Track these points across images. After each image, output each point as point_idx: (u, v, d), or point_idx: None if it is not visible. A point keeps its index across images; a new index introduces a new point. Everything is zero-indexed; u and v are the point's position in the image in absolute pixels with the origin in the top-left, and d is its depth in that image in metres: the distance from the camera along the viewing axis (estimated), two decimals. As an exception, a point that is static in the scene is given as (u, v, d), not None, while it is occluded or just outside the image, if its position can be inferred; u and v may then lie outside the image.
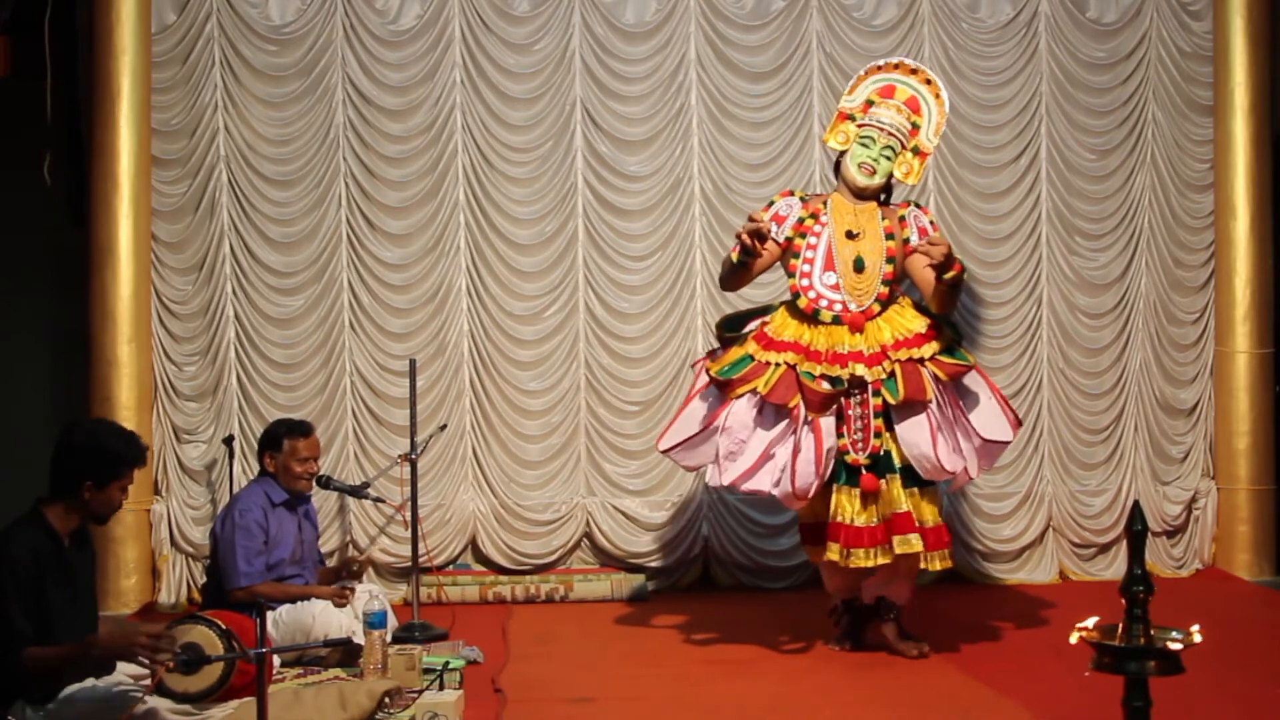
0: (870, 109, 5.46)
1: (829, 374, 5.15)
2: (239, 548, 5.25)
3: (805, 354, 5.19)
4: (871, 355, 5.18)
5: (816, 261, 5.32)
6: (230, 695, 4.10)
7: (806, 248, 5.34)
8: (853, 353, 5.19)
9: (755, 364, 5.20)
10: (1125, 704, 2.92)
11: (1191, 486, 7.01)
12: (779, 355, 5.20)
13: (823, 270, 5.31)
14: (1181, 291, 7.02)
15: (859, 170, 5.37)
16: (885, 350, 5.19)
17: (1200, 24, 6.97)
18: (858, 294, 5.28)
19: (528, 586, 6.52)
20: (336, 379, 6.70)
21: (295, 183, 6.70)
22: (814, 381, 5.10)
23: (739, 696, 4.82)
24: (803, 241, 5.35)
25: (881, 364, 5.17)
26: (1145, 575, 2.93)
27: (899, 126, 5.41)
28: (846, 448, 5.15)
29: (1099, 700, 3.65)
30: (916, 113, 5.47)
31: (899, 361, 5.15)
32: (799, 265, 5.33)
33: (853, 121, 5.46)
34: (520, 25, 6.77)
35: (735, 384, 5.17)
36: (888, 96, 5.47)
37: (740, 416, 5.14)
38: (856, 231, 5.32)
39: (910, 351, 5.17)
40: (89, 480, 3.90)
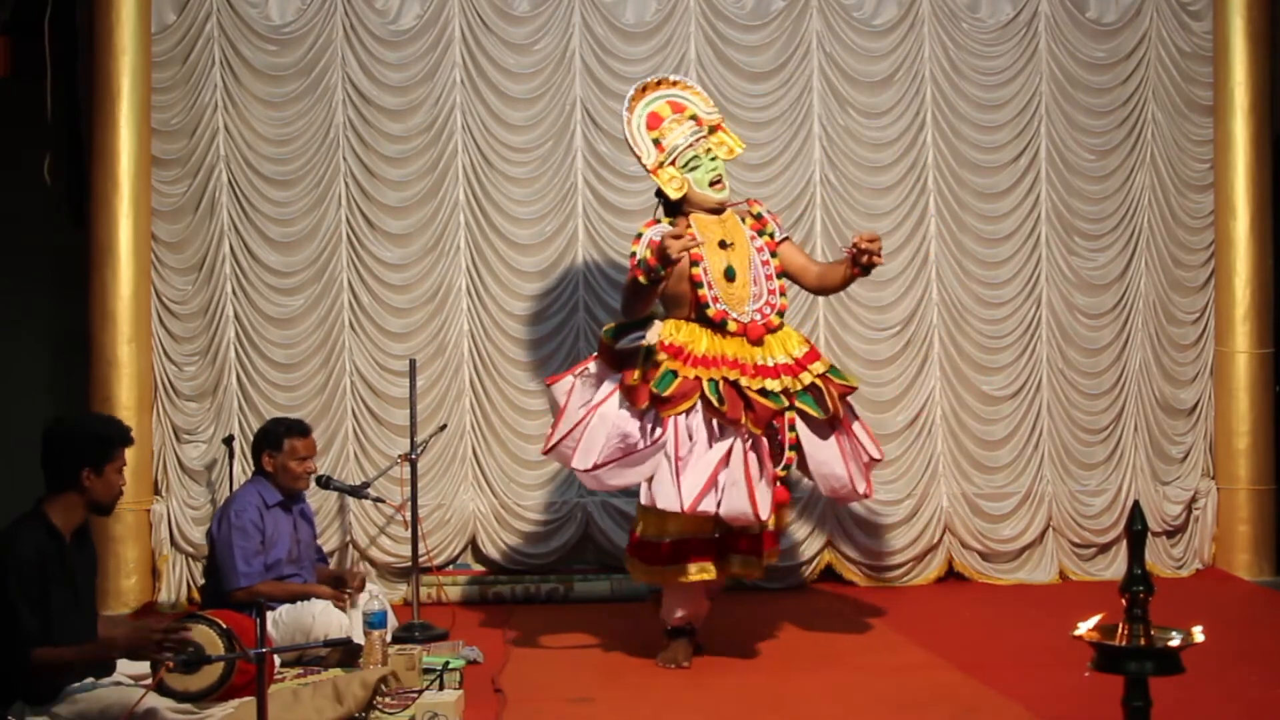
0: (661, 145, 5.34)
1: (765, 388, 5.05)
2: (236, 548, 5.24)
3: (736, 367, 5.06)
4: (788, 366, 5.13)
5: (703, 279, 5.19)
6: (230, 695, 4.10)
7: (705, 270, 5.17)
8: (780, 364, 5.12)
9: (683, 380, 5.01)
10: (1125, 704, 2.93)
11: (1191, 486, 7.00)
12: (710, 370, 5.05)
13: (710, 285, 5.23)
14: (1181, 291, 7.02)
15: (713, 188, 5.31)
16: (800, 362, 5.15)
17: (1200, 24, 6.97)
18: (736, 303, 5.19)
19: (528, 586, 6.52)
20: (336, 379, 6.70)
21: (295, 183, 6.70)
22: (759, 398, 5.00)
23: (739, 696, 4.82)
24: (697, 268, 5.16)
25: (799, 376, 5.12)
26: (1145, 575, 2.93)
27: (689, 130, 5.35)
28: None
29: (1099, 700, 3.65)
30: (684, 110, 5.40)
31: (817, 375, 5.12)
32: (707, 292, 5.15)
33: (667, 165, 5.32)
34: (520, 25, 6.77)
35: (674, 401, 4.97)
36: (658, 123, 5.36)
37: (681, 435, 4.97)
38: (729, 241, 5.27)
39: (815, 366, 5.16)
40: (87, 467, 3.93)
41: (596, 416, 5.11)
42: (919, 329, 6.86)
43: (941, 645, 5.44)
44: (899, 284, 6.82)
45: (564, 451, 5.17)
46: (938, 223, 6.85)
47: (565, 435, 5.16)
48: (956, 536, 6.82)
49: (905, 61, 6.86)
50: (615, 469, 5.03)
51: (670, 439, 4.98)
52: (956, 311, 6.86)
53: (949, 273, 6.87)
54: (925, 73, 6.86)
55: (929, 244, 6.85)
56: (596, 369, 5.32)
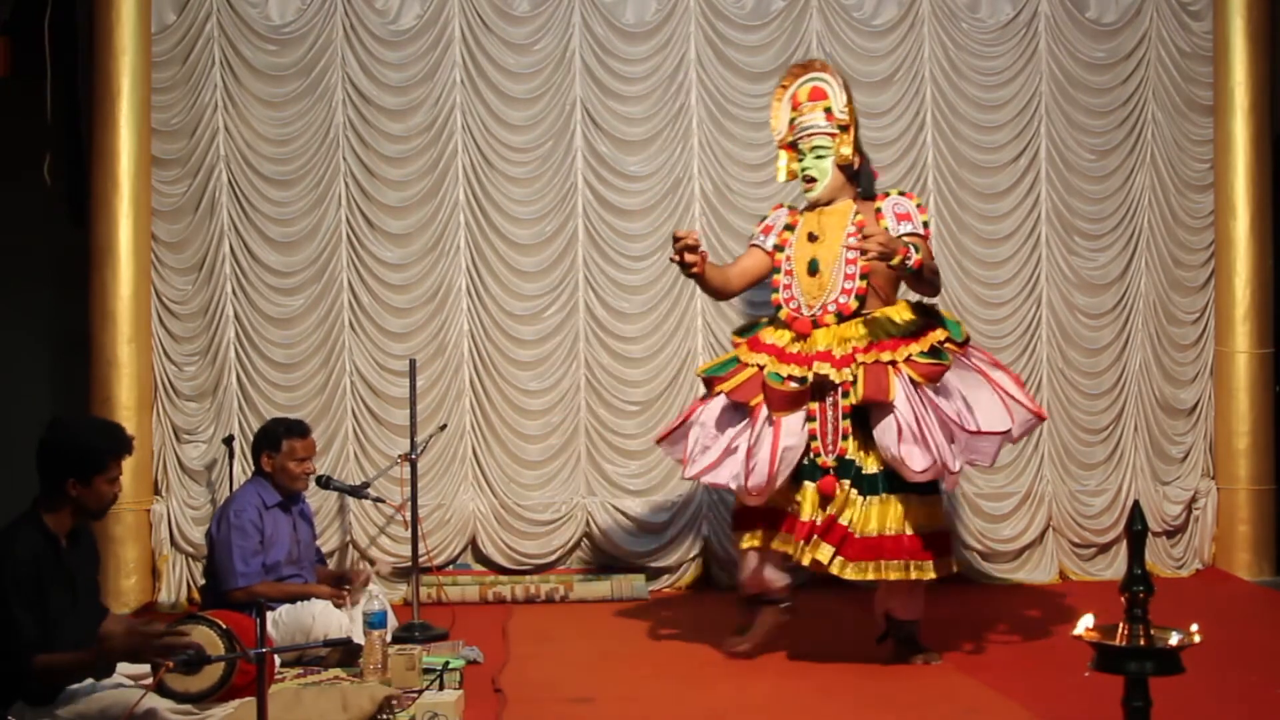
0: (794, 126, 5.43)
1: (795, 374, 5.20)
2: (235, 548, 5.25)
3: (779, 356, 5.27)
4: (841, 357, 5.19)
5: (793, 272, 5.41)
6: (231, 695, 4.09)
7: (785, 259, 5.43)
8: (821, 353, 5.20)
9: (738, 365, 5.35)
10: (1125, 704, 2.93)
11: (1191, 486, 7.01)
12: (757, 357, 5.32)
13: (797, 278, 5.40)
14: (1181, 291, 7.02)
15: (803, 185, 5.44)
16: (855, 352, 5.20)
17: (1200, 24, 6.97)
18: (810, 297, 5.32)
19: (528, 586, 6.52)
20: (336, 379, 6.70)
21: (295, 183, 6.70)
22: (781, 383, 5.16)
23: (739, 696, 4.82)
24: (781, 255, 5.45)
25: (849, 366, 5.17)
26: (1145, 575, 2.93)
27: (816, 123, 5.37)
28: (817, 449, 5.18)
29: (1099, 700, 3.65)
30: (824, 97, 5.40)
31: (865, 364, 5.15)
32: (780, 279, 5.43)
33: (790, 149, 5.46)
34: (520, 25, 6.77)
35: (717, 382, 5.35)
36: (798, 105, 5.44)
37: (713, 413, 5.31)
38: (818, 234, 5.35)
39: (878, 354, 5.15)
40: (71, 478, 3.89)
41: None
42: (919, 329, 6.86)
43: (942, 645, 5.44)
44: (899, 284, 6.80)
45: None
46: (938, 223, 6.85)
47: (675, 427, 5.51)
48: (957, 537, 6.81)
49: (905, 61, 6.86)
50: (668, 443, 5.51)
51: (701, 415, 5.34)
52: (956, 311, 6.84)
53: (949, 273, 6.86)
54: (925, 73, 6.86)
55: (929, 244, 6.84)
56: None
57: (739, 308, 6.67)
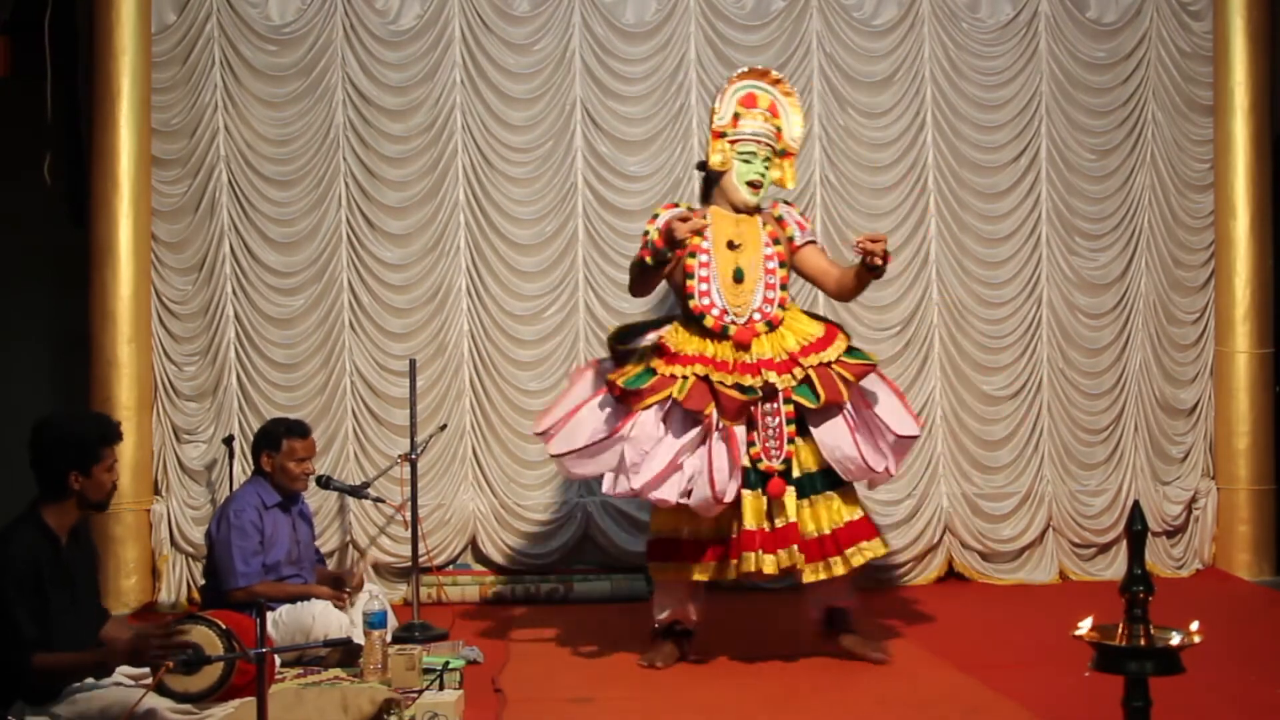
0: (738, 122, 5.39)
1: (740, 383, 5.10)
2: (235, 548, 5.25)
3: (713, 365, 5.15)
4: (781, 362, 5.17)
5: (711, 279, 5.28)
6: (231, 695, 4.09)
7: (699, 265, 5.28)
8: (762, 360, 5.16)
9: (659, 377, 5.13)
10: (1125, 704, 2.93)
11: (1191, 486, 7.01)
12: (686, 368, 5.15)
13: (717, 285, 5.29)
14: (1181, 291, 7.02)
15: (747, 188, 5.34)
16: (794, 357, 5.17)
17: (1200, 24, 6.97)
18: (735, 305, 5.25)
19: (528, 586, 6.52)
20: (336, 379, 6.70)
21: (295, 183, 6.70)
22: (729, 390, 5.07)
23: (738, 696, 4.82)
24: (693, 260, 5.29)
25: (792, 371, 5.15)
26: (1145, 575, 2.93)
27: (767, 134, 5.37)
28: (759, 455, 5.11)
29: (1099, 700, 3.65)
30: (776, 116, 5.42)
31: (811, 367, 5.14)
32: (695, 285, 5.27)
33: (725, 138, 5.38)
34: (520, 25, 6.77)
35: (642, 395, 5.10)
36: (751, 106, 5.41)
37: (646, 428, 5.06)
38: (738, 242, 5.29)
39: (819, 356, 5.17)
40: (73, 470, 3.92)
41: (586, 409, 5.26)
42: (919, 329, 6.86)
43: (941, 645, 5.44)
44: (899, 284, 6.81)
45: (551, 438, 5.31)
46: (938, 223, 6.85)
47: (555, 423, 5.29)
48: (956, 536, 6.82)
49: (905, 61, 6.86)
50: (577, 459, 5.17)
51: (631, 430, 5.07)
52: (957, 311, 6.86)
53: (949, 273, 6.87)
54: (925, 73, 6.86)
55: (929, 244, 6.85)
56: (605, 367, 5.45)
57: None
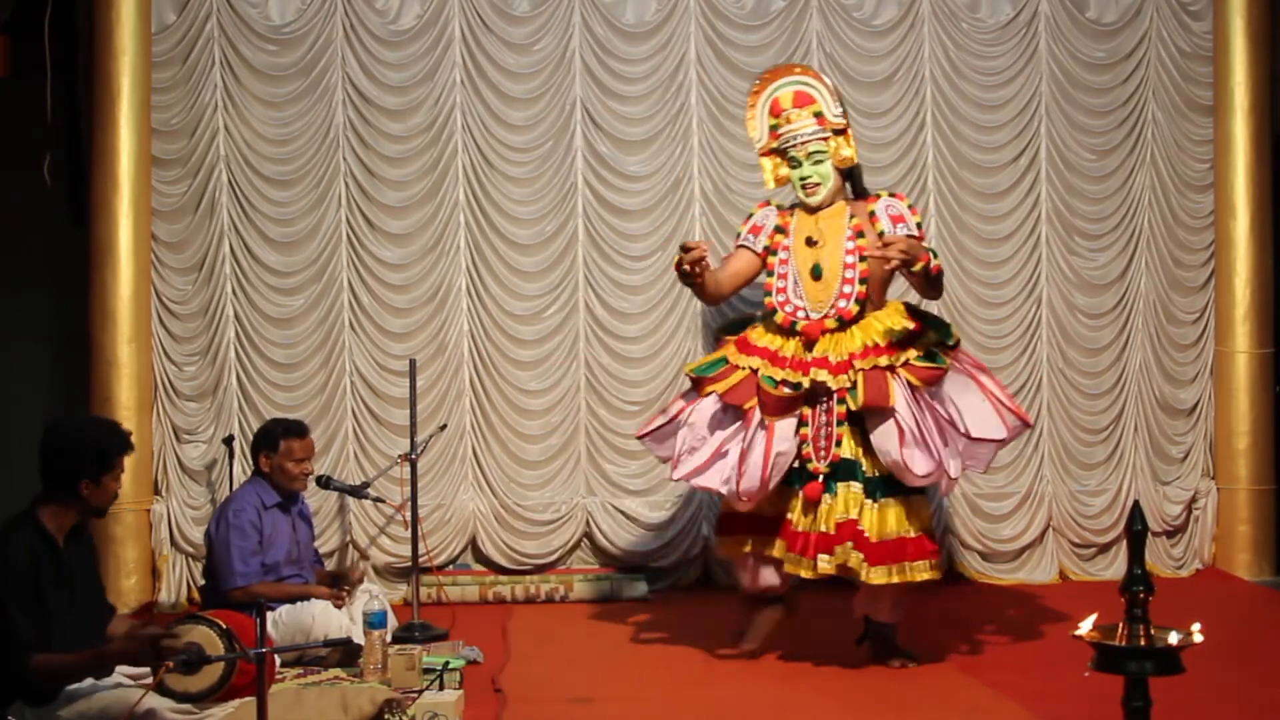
0: (776, 134, 5.41)
1: (790, 379, 5.15)
2: (234, 548, 5.25)
3: (772, 359, 5.23)
4: (838, 363, 5.17)
5: (789, 276, 5.37)
6: (231, 695, 4.09)
7: (779, 263, 5.40)
8: (817, 359, 5.19)
9: (728, 366, 5.30)
10: (1125, 704, 2.93)
11: (1191, 486, 7.01)
12: (749, 360, 5.28)
13: (794, 282, 5.35)
14: (1181, 291, 7.02)
15: (804, 192, 5.39)
16: (852, 358, 5.18)
17: (1200, 24, 6.97)
18: (816, 302, 5.29)
19: (528, 586, 6.52)
20: (336, 379, 6.70)
21: (295, 183, 6.70)
22: (775, 387, 5.11)
23: (739, 696, 4.82)
24: (774, 258, 5.41)
25: (846, 372, 5.15)
26: (1145, 575, 2.93)
27: (808, 128, 5.36)
28: (809, 455, 5.14)
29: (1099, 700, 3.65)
30: (811, 103, 5.40)
31: (863, 370, 5.13)
32: (774, 282, 5.40)
33: (774, 155, 5.43)
34: (520, 25, 6.77)
35: (706, 382, 5.29)
36: (779, 111, 5.41)
37: (704, 414, 5.26)
38: (816, 239, 5.33)
39: (876, 359, 5.14)
40: (85, 479, 3.93)
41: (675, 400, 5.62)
42: (919, 329, 6.86)
43: (941, 645, 5.44)
44: (899, 284, 6.79)
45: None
46: (938, 223, 6.85)
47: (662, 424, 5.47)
48: (956, 536, 6.82)
49: (905, 61, 6.86)
50: (651, 440, 5.50)
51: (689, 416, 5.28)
52: (956, 311, 6.85)
53: (949, 273, 6.85)
54: (925, 73, 6.86)
55: (929, 244, 6.84)
56: None
57: (737, 306, 6.67)
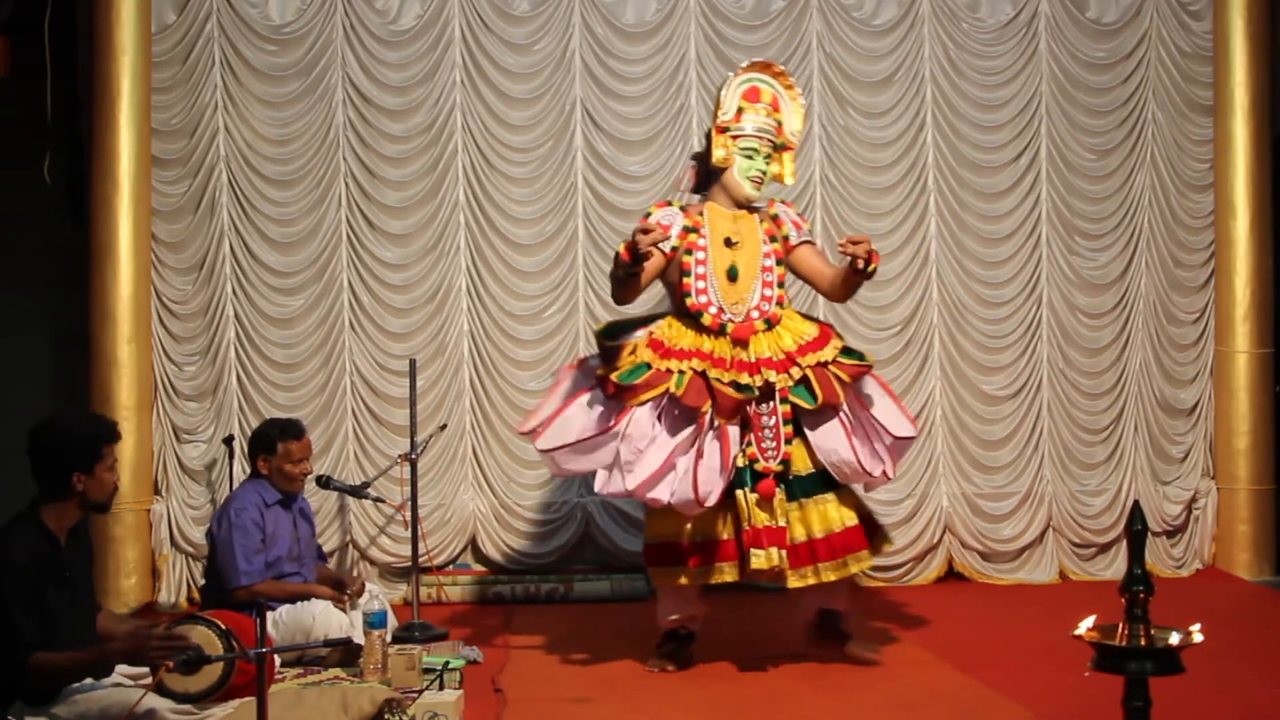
0: (741, 117, 5.33)
1: (737, 381, 5.04)
2: (237, 547, 5.25)
3: (710, 361, 5.07)
4: (779, 361, 5.12)
5: (708, 276, 5.22)
6: (231, 695, 4.10)
7: (695, 263, 5.23)
8: (761, 359, 5.11)
9: (654, 371, 5.03)
10: (1125, 704, 2.93)
11: (1191, 486, 7.01)
12: (683, 363, 5.06)
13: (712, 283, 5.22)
14: (1181, 291, 7.02)
15: (749, 183, 5.29)
16: (791, 356, 5.13)
17: (1200, 24, 6.97)
18: (731, 303, 5.19)
19: (528, 586, 6.53)
20: (336, 379, 6.70)
21: (295, 183, 6.70)
22: (726, 388, 5.00)
23: (739, 696, 4.82)
24: (690, 257, 5.23)
25: (789, 370, 5.10)
26: (1145, 575, 2.93)
27: (769, 129, 5.33)
28: (755, 455, 5.05)
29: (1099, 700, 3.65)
30: (777, 110, 5.38)
31: (809, 367, 5.10)
32: (692, 283, 5.21)
33: (728, 134, 5.31)
34: (520, 25, 6.78)
35: (637, 390, 4.98)
36: (754, 100, 5.36)
37: (640, 424, 4.95)
38: (735, 240, 5.25)
39: (816, 355, 5.12)
40: (77, 470, 3.93)
41: (574, 405, 5.14)
42: (919, 329, 6.86)
43: (941, 645, 5.44)
44: (899, 284, 6.82)
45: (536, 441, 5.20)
46: (938, 223, 6.85)
47: (543, 420, 5.17)
48: (956, 536, 6.82)
49: (905, 61, 6.86)
50: (569, 453, 5.03)
51: (623, 427, 4.96)
52: (957, 311, 6.86)
53: (949, 273, 6.87)
54: (925, 73, 6.86)
55: (929, 244, 6.85)
56: (591, 363, 5.36)
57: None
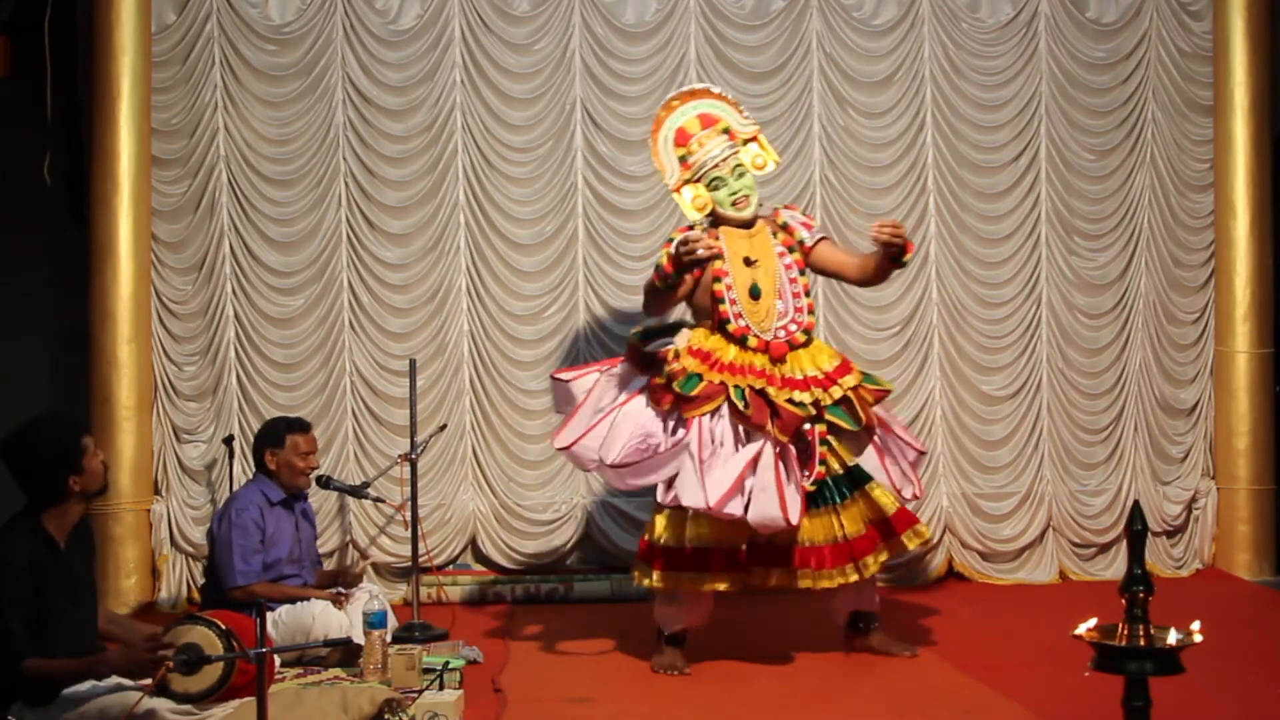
0: (688, 163, 5.33)
1: (792, 398, 5.05)
2: (236, 546, 5.25)
3: (766, 379, 5.06)
4: (821, 379, 5.13)
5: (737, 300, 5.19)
6: (231, 695, 4.09)
7: (726, 288, 5.19)
8: (808, 377, 5.12)
9: (708, 383, 5.00)
10: (1125, 704, 2.93)
11: (1191, 486, 7.01)
12: (737, 377, 5.04)
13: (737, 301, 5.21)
14: (1181, 291, 7.02)
15: (734, 207, 5.28)
16: (830, 376, 5.14)
17: (1200, 24, 6.97)
18: (759, 322, 5.17)
19: (528, 586, 6.53)
20: (336, 379, 6.70)
21: (295, 183, 6.70)
22: (787, 405, 5.00)
23: (739, 697, 4.82)
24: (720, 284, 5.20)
25: (829, 390, 5.11)
26: (1145, 575, 2.93)
27: (720, 145, 5.30)
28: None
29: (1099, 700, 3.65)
30: (717, 121, 5.37)
31: (850, 389, 5.11)
32: (728, 309, 5.17)
33: (691, 183, 5.32)
34: (520, 25, 6.77)
35: (697, 402, 4.97)
36: (685, 140, 5.34)
37: (705, 437, 4.94)
38: (754, 258, 5.24)
39: (849, 379, 5.15)
40: (69, 474, 3.92)
41: (620, 414, 5.09)
42: (919, 329, 6.86)
43: (941, 645, 5.44)
44: (899, 284, 6.81)
45: (580, 451, 5.13)
46: (938, 223, 6.85)
47: (585, 433, 5.12)
48: (956, 536, 6.82)
49: (905, 61, 6.86)
50: (637, 469, 4.99)
51: (694, 440, 4.94)
52: (956, 311, 6.86)
53: (949, 273, 6.87)
54: (925, 73, 6.86)
55: (929, 244, 6.85)
56: (621, 370, 5.33)
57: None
